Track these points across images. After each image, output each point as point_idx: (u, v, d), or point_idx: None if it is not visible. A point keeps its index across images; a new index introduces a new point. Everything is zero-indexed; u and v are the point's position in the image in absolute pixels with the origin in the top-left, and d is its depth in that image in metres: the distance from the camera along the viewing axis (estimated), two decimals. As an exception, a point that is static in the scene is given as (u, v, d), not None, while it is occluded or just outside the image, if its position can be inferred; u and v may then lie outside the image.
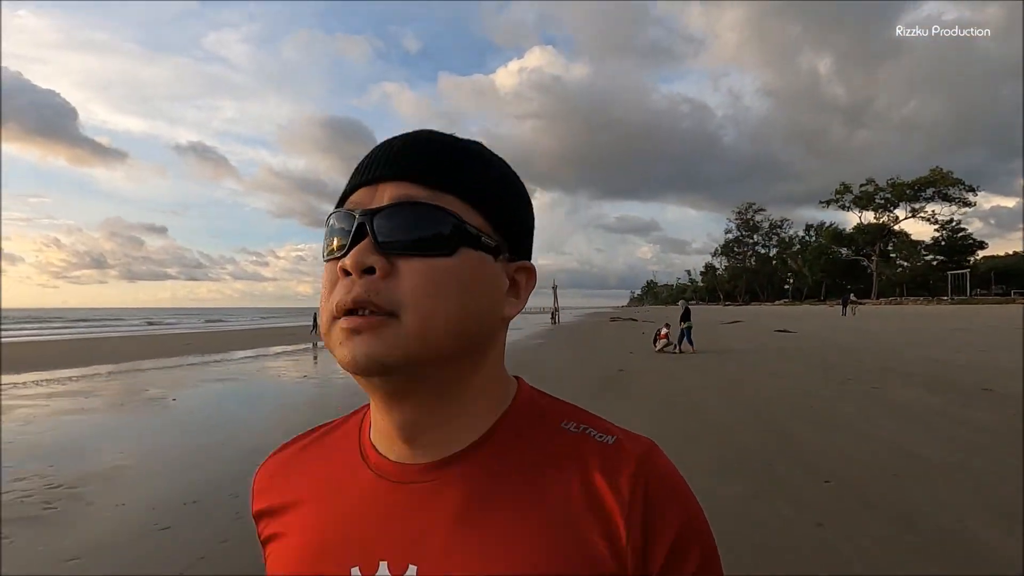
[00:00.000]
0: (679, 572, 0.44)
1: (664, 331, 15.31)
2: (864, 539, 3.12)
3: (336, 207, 0.48)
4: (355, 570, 0.46)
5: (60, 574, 3.01)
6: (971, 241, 72.90)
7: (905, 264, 78.94)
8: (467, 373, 0.47)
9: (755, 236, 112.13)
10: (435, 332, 0.42)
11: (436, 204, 0.44)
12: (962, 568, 2.80)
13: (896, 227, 77.76)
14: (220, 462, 5.16)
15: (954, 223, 72.32)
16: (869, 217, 79.59)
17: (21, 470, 4.91)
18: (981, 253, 73.28)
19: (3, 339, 25.29)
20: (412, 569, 0.44)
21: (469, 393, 0.48)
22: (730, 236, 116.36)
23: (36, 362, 14.63)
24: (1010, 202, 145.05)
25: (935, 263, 73.54)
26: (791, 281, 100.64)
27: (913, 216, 75.15)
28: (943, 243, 73.49)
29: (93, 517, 3.83)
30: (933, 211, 73.00)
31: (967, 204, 70.28)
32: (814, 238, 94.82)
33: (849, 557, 2.92)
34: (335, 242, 0.46)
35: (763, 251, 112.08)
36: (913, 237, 78.36)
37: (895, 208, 76.60)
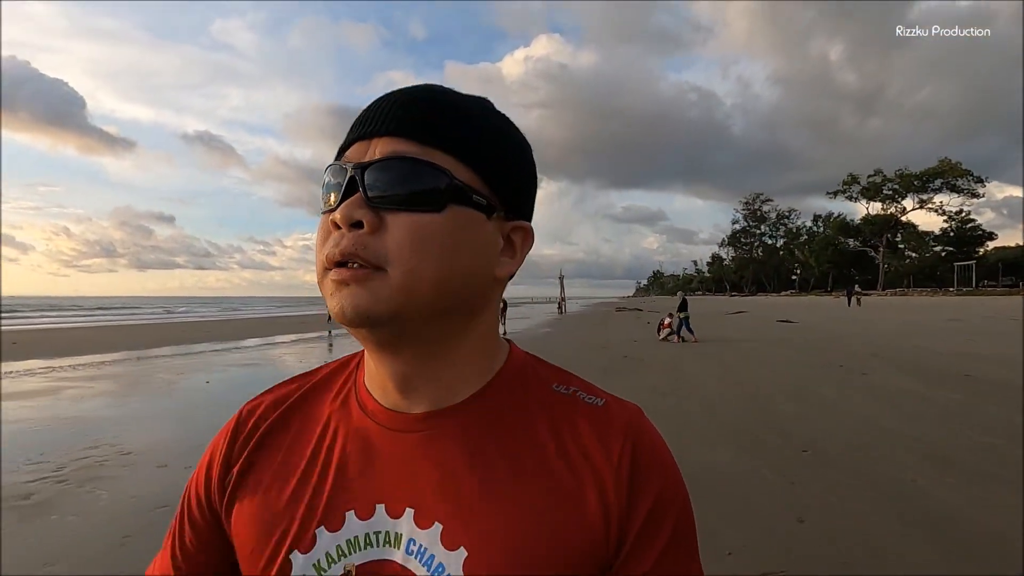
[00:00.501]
0: (657, 529, 0.45)
1: (667, 320, 15.86)
2: (827, 493, 3.71)
3: (335, 159, 0.48)
4: (350, 513, 0.47)
5: (154, 520, 3.63)
6: (980, 232, 72.72)
7: (913, 255, 78.88)
8: (458, 330, 0.48)
9: (762, 226, 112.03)
10: (420, 287, 0.43)
11: (426, 160, 0.44)
12: (900, 508, 3.38)
13: (904, 218, 77.64)
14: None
15: (963, 214, 72.16)
16: (877, 208, 79.50)
17: (93, 439, 5.55)
18: (991, 244, 73.18)
19: (25, 327, 26.18)
20: (409, 512, 0.45)
21: (461, 350, 0.49)
22: (737, 226, 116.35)
23: (66, 348, 15.34)
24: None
25: (944, 254, 73.48)
26: (798, 272, 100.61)
27: (921, 207, 75.00)
28: (952, 234, 73.34)
29: (169, 476, 4.45)
30: (941, 202, 72.88)
31: (975, 195, 70.09)
32: (822, 229, 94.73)
33: (810, 505, 3.51)
34: (330, 197, 0.46)
35: (770, 242, 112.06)
36: (922, 228, 78.31)
37: (903, 199, 76.49)
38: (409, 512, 0.45)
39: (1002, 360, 9.67)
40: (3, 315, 38.74)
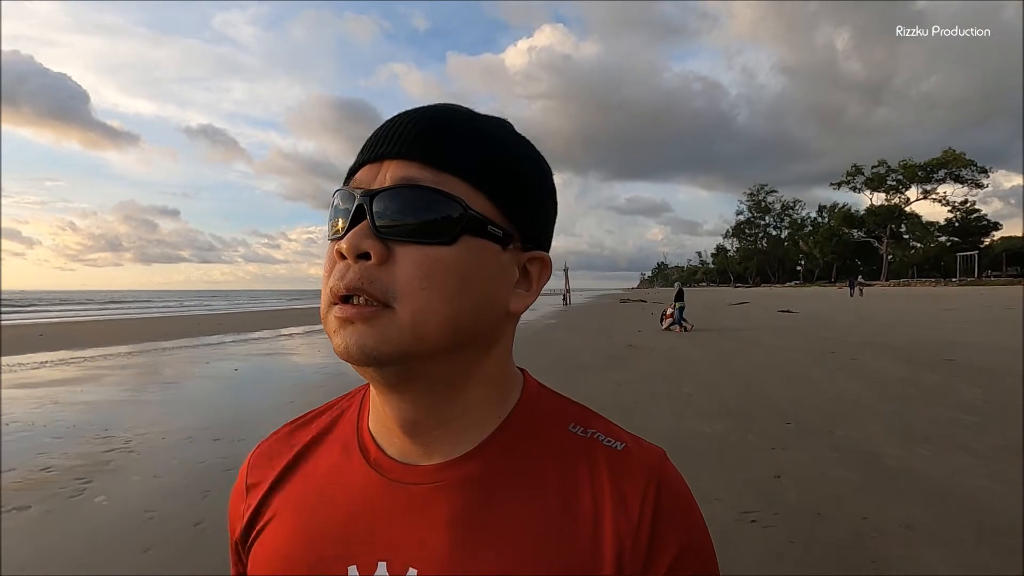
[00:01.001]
0: None
1: (670, 311, 16.41)
2: (801, 455, 4.29)
3: (344, 182, 0.46)
4: (352, 569, 0.45)
5: (226, 481, 4.22)
6: (985, 222, 72.79)
7: (918, 245, 79.06)
8: (468, 369, 0.46)
9: (767, 217, 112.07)
10: (430, 325, 0.41)
11: (439, 188, 0.42)
12: (863, 468, 3.97)
13: (908, 209, 77.79)
14: (296, 413, 6.39)
15: (968, 204, 72.28)
16: (881, 198, 79.66)
17: (149, 420, 6.16)
18: (997, 234, 73.16)
19: (45, 320, 26.94)
20: (412, 572, 0.44)
21: (471, 390, 0.47)
22: (741, 218, 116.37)
23: (93, 339, 15.93)
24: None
25: (949, 244, 73.63)
26: (802, 263, 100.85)
27: (925, 197, 75.15)
28: (957, 224, 73.45)
29: (225, 447, 5.04)
30: (945, 192, 73.04)
31: (979, 186, 70.21)
32: (826, 219, 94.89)
33: (787, 465, 4.08)
34: (338, 222, 0.44)
35: (775, 233, 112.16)
36: (927, 218, 78.46)
37: (906, 190, 76.64)
38: (412, 572, 0.44)
39: (985, 347, 10.20)
40: (19, 309, 39.60)
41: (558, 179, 0.52)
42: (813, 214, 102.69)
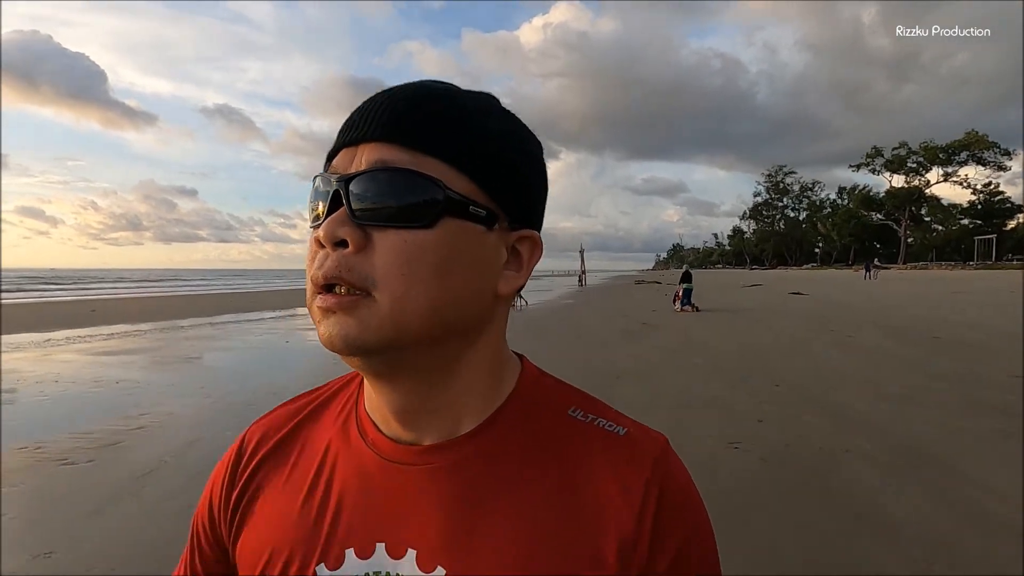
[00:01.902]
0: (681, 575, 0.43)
1: (679, 292, 17.32)
2: (784, 408, 5.26)
3: (324, 166, 0.45)
4: (350, 551, 0.45)
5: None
6: (1009, 204, 71.78)
7: (939, 228, 78.26)
8: (457, 355, 0.45)
9: (784, 199, 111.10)
10: (410, 313, 0.40)
11: (415, 170, 0.40)
12: (828, 416, 4.93)
13: (928, 191, 76.86)
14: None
15: (992, 186, 71.29)
16: (901, 181, 78.76)
17: (239, 382, 7.28)
18: (1022, 216, 72.12)
19: (89, 297, 28.47)
20: (411, 553, 0.44)
21: (462, 377, 0.46)
22: (759, 199, 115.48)
23: (143, 315, 17.14)
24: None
25: (971, 227, 72.80)
26: (820, 245, 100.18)
27: (946, 180, 74.15)
28: (980, 207, 72.53)
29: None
30: (967, 175, 72.06)
31: (1002, 168, 69.13)
32: (846, 201, 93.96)
33: (768, 414, 5.05)
34: (318, 205, 0.43)
35: (793, 214, 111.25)
36: (949, 201, 77.50)
37: (927, 172, 75.65)
38: (411, 553, 0.44)
39: (973, 326, 11.00)
40: (63, 287, 41.50)
41: (573, 158, 0.75)
42: (833, 195, 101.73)
